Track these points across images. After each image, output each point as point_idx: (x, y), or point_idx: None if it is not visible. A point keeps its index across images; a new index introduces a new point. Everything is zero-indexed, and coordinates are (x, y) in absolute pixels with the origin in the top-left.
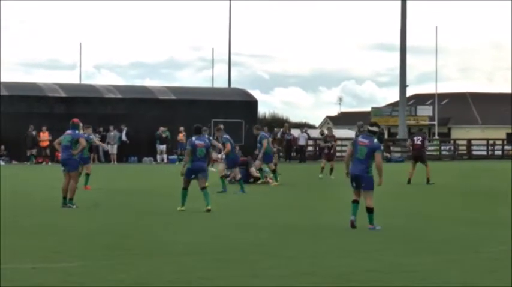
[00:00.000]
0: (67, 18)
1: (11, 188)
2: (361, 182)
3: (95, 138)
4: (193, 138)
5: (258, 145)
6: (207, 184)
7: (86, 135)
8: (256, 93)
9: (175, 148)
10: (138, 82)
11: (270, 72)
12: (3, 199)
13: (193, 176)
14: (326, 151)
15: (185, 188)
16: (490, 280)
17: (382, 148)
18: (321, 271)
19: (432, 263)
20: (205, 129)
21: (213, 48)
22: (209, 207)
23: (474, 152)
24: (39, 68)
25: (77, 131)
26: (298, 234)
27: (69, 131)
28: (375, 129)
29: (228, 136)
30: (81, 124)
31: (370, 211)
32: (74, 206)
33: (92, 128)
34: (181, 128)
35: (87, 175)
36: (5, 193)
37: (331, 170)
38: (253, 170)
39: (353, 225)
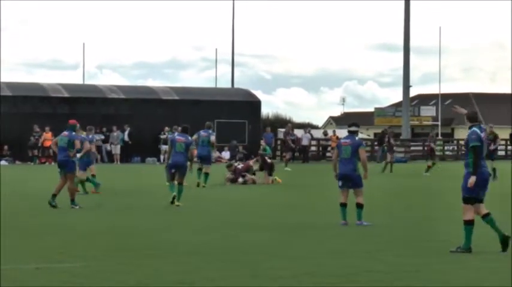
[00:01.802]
0: (69, 18)
1: (14, 188)
2: (350, 181)
3: (93, 142)
4: (176, 134)
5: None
6: (185, 183)
7: (90, 137)
8: (258, 94)
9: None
10: (140, 82)
11: (272, 72)
12: (7, 200)
13: (173, 170)
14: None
15: (170, 182)
16: (492, 281)
17: (364, 144)
18: (322, 272)
19: (434, 264)
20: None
21: (216, 49)
22: (178, 203)
23: None
24: (41, 68)
25: (73, 133)
26: (300, 234)
27: (65, 133)
28: (353, 129)
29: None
30: (78, 125)
31: (360, 206)
32: (77, 207)
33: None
34: (179, 129)
35: (93, 176)
36: (9, 194)
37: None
38: (252, 176)
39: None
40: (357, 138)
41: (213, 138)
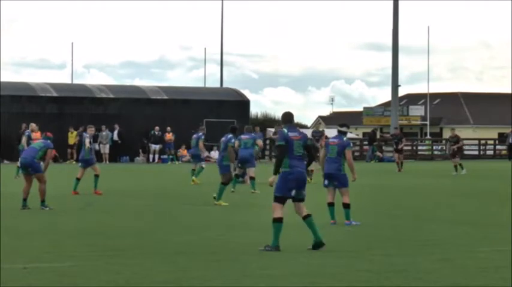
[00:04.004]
0: (55, 18)
1: (2, 188)
2: (335, 180)
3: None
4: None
5: None
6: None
7: (88, 135)
8: (245, 93)
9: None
10: (127, 82)
11: (259, 72)
12: None
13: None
14: None
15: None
16: (481, 280)
17: (351, 145)
18: (312, 271)
19: (424, 263)
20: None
21: (205, 48)
22: (216, 202)
23: (466, 152)
24: (28, 68)
25: (49, 141)
26: (288, 234)
27: (41, 139)
28: (344, 129)
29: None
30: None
31: (346, 206)
32: (47, 209)
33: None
34: (168, 128)
35: (97, 176)
36: None
37: None
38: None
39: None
40: (344, 139)
41: (260, 141)
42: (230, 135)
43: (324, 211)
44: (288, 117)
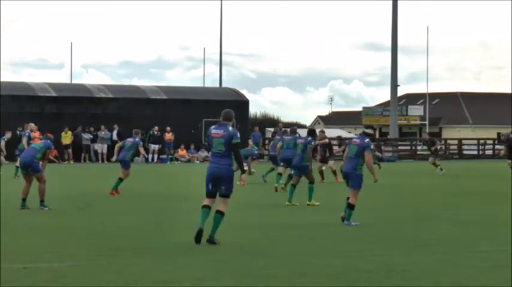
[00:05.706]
0: (53, 18)
1: (3, 188)
2: (348, 179)
3: (140, 145)
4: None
5: None
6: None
7: (137, 140)
8: (244, 93)
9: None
10: (126, 81)
11: (257, 71)
12: None
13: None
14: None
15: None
16: (481, 280)
17: (372, 147)
18: (313, 271)
19: (425, 263)
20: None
21: (204, 48)
22: (309, 203)
23: (465, 152)
24: (27, 67)
25: (48, 141)
26: (290, 234)
27: (42, 140)
28: (369, 131)
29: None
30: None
31: (350, 207)
32: (46, 208)
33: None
34: (168, 128)
35: (120, 179)
36: None
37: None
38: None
39: (343, 220)
40: (366, 140)
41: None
42: (310, 138)
43: (331, 210)
44: (223, 114)
